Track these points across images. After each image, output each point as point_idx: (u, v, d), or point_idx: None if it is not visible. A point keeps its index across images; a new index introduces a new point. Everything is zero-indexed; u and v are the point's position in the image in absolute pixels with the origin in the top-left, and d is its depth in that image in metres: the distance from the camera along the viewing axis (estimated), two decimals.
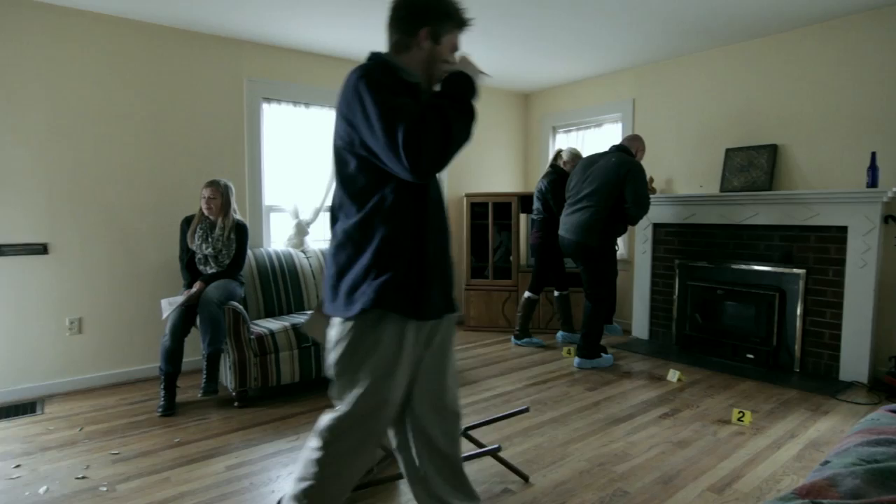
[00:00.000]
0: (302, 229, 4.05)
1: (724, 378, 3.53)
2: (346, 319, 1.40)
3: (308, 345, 3.19)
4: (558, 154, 4.29)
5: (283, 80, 4.03)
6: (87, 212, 3.34)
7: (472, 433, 2.63)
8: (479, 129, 5.35)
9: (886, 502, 1.06)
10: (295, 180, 4.07)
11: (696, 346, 4.17)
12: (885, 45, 3.33)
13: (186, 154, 3.66)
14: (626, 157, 3.61)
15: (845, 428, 2.67)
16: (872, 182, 3.27)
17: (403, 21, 1.43)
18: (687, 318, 4.19)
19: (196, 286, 3.04)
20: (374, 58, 1.45)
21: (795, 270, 3.62)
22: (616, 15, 3.42)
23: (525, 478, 2.16)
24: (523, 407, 2.22)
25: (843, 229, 3.40)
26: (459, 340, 4.58)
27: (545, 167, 5.53)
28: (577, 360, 3.77)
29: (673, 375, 3.47)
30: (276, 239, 4.13)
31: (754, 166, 3.89)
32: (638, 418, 2.83)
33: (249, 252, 3.61)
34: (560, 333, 4.49)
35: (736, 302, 3.91)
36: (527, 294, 4.34)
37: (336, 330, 1.44)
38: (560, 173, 4.19)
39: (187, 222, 3.19)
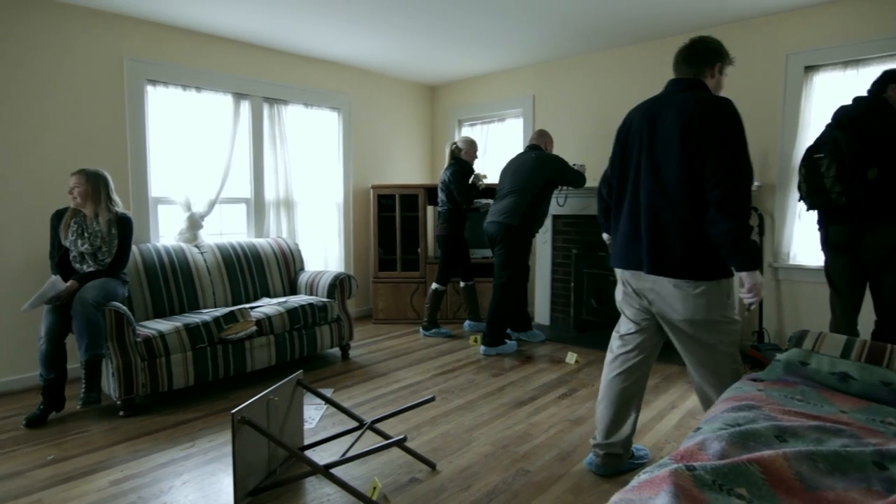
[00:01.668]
0: (195, 223, 3.79)
1: None
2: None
3: (204, 345, 3.00)
4: (455, 146, 4.34)
5: (170, 62, 3.73)
6: None
7: (379, 426, 2.62)
8: (387, 121, 5.31)
9: (746, 461, 1.20)
10: (186, 170, 3.80)
11: (592, 329, 4.45)
12: (747, 53, 3.72)
13: (57, 139, 3.28)
14: (542, 153, 3.90)
15: (717, 397, 2.98)
16: None
17: (701, 57, 1.96)
18: (583, 303, 4.46)
19: (68, 284, 2.73)
20: (702, 85, 1.94)
21: None
22: (515, 13, 3.53)
23: (432, 465, 2.20)
24: (429, 396, 2.24)
25: None
26: (367, 334, 4.54)
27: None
28: (482, 347, 3.88)
29: (571, 358, 3.67)
30: (166, 233, 3.84)
31: None
32: (539, 400, 2.97)
33: (134, 248, 3.32)
34: (467, 323, 4.59)
35: None
36: (434, 285, 4.39)
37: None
38: (462, 164, 4.26)
39: (59, 216, 2.85)
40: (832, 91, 3.43)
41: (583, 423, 2.65)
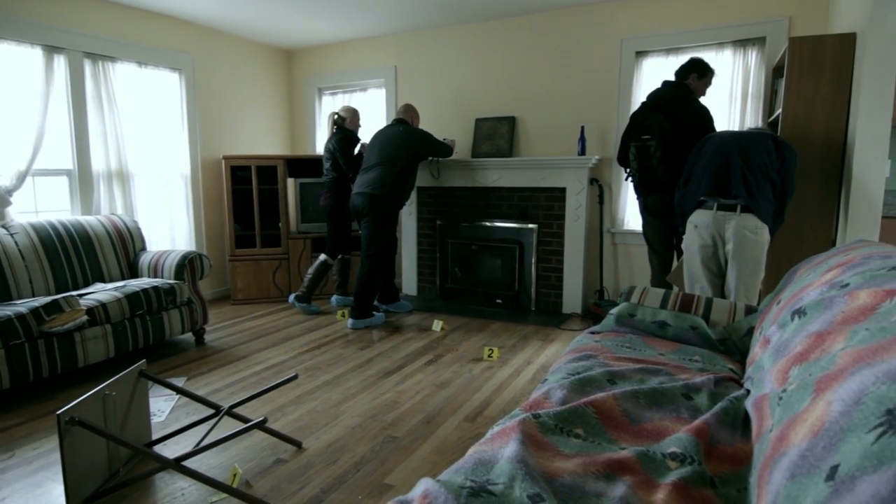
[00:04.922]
0: (1, 199, 3.21)
1: (479, 322, 4.00)
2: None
3: (20, 341, 2.58)
4: (338, 116, 4.20)
5: None
6: None
7: (239, 410, 2.49)
8: (238, 86, 4.91)
9: (583, 404, 1.34)
10: None
11: (457, 297, 4.64)
12: (589, 37, 4.03)
13: None
14: (409, 127, 3.90)
15: (563, 351, 3.29)
16: (582, 150, 3.99)
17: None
18: (448, 272, 4.61)
19: None
20: None
21: (530, 225, 4.26)
22: None
23: (297, 444, 2.15)
24: (292, 374, 2.17)
25: (563, 190, 4.10)
26: (225, 316, 4.26)
27: (314, 130, 5.38)
28: (350, 321, 3.85)
29: (437, 325, 3.80)
30: None
31: (498, 135, 4.40)
32: (406, 368, 3.04)
33: None
34: (334, 297, 4.51)
35: (487, 255, 4.44)
36: (322, 256, 4.24)
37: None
38: (346, 132, 4.16)
39: None
40: (656, 75, 3.86)
41: (447, 387, 2.76)
